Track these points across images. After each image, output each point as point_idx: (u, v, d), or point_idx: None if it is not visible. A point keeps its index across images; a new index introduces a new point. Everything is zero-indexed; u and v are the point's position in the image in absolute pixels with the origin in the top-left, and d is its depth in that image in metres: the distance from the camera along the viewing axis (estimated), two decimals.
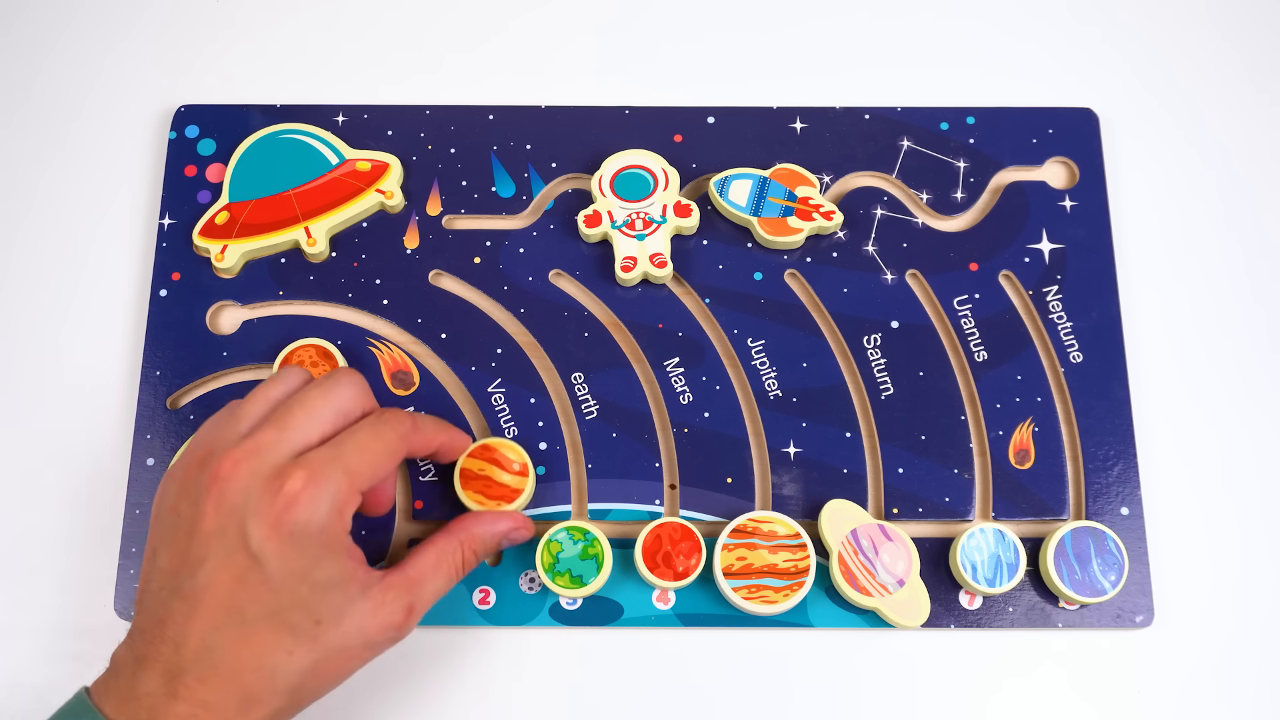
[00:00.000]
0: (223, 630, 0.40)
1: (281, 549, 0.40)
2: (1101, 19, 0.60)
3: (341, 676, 0.43)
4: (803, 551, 0.48)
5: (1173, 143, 0.58)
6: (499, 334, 0.53)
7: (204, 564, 0.40)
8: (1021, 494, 0.51)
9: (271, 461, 0.41)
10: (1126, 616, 0.49)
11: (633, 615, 0.49)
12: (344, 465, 0.42)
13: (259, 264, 0.54)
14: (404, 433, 0.45)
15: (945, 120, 0.57)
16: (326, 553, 0.41)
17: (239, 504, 0.40)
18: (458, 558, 0.46)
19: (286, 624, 0.40)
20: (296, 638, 0.40)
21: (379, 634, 0.42)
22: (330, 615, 0.41)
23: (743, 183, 0.55)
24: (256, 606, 0.40)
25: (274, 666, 0.40)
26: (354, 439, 0.43)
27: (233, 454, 0.41)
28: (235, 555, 0.40)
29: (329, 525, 0.41)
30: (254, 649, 0.40)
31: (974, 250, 0.55)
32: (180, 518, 0.42)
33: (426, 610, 0.44)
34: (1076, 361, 0.53)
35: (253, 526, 0.40)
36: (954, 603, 0.50)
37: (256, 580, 0.40)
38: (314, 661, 0.41)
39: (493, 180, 0.56)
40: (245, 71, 0.59)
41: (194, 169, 0.56)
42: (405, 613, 0.43)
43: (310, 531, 0.41)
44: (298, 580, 0.40)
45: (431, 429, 0.47)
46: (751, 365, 0.53)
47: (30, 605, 0.50)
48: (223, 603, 0.40)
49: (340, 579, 0.41)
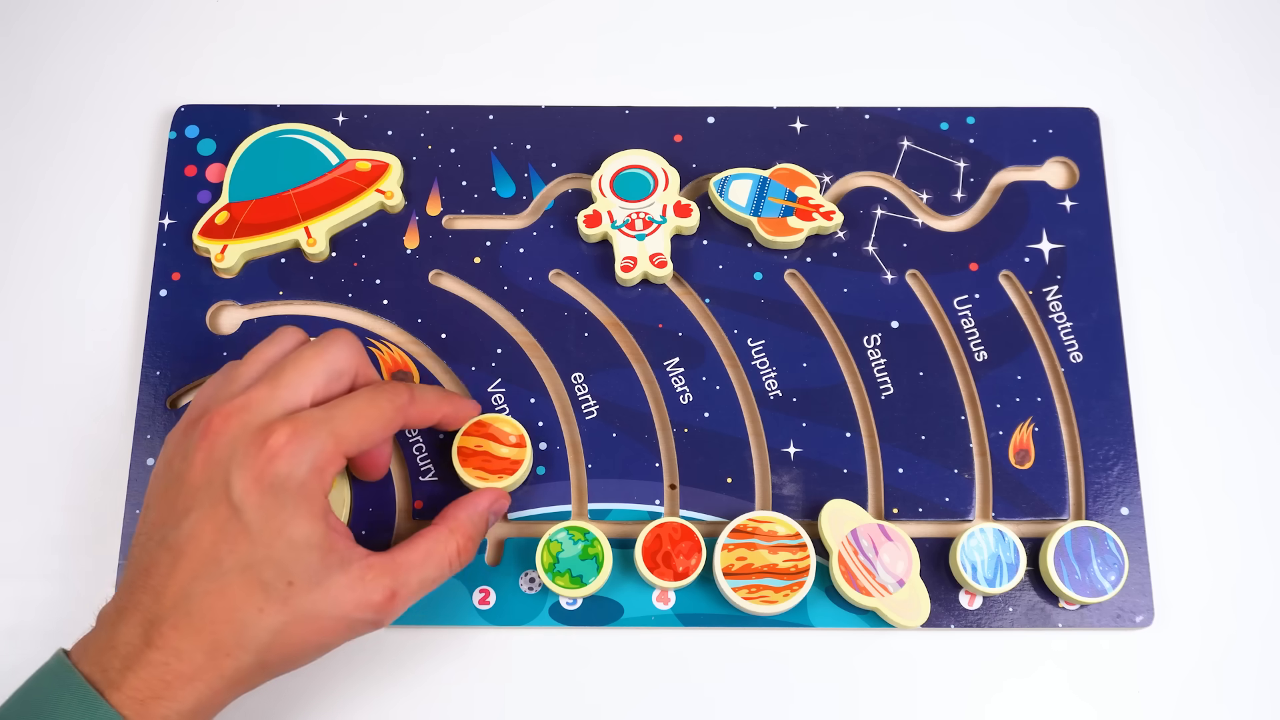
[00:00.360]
0: (200, 580, 0.40)
1: (261, 500, 0.41)
2: (1101, 19, 0.60)
3: (313, 647, 0.42)
4: (803, 551, 0.48)
5: (1173, 143, 0.58)
6: (499, 334, 0.53)
7: (189, 515, 0.41)
8: (1021, 494, 0.51)
9: (261, 417, 0.42)
10: (1126, 616, 0.49)
11: (633, 615, 0.49)
12: (331, 427, 0.43)
13: (259, 264, 0.54)
14: (400, 405, 0.45)
15: (945, 120, 0.57)
16: (304, 510, 0.41)
17: (225, 456, 0.41)
18: (450, 547, 0.45)
19: (260, 579, 0.41)
20: (268, 595, 0.41)
21: (355, 610, 0.42)
22: (304, 578, 0.41)
23: (743, 183, 0.55)
24: (233, 558, 0.41)
25: (244, 621, 0.41)
26: (348, 404, 0.44)
27: (224, 409, 0.42)
28: (218, 506, 0.41)
29: (308, 482, 0.42)
30: (227, 600, 0.40)
31: (974, 250, 0.55)
32: (172, 471, 0.43)
33: (413, 600, 0.44)
34: (1076, 361, 0.53)
35: (236, 477, 0.41)
36: (954, 603, 0.50)
37: (236, 531, 0.41)
38: (284, 622, 0.41)
39: (493, 180, 0.56)
40: (245, 71, 0.59)
41: (194, 169, 0.56)
42: (387, 595, 0.43)
43: (290, 486, 0.41)
44: (274, 534, 0.41)
45: (432, 401, 0.48)
46: (751, 365, 0.53)
47: (30, 605, 0.50)
48: (204, 552, 0.41)
49: (318, 543, 0.42)
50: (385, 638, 0.50)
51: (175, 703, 0.40)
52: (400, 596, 0.43)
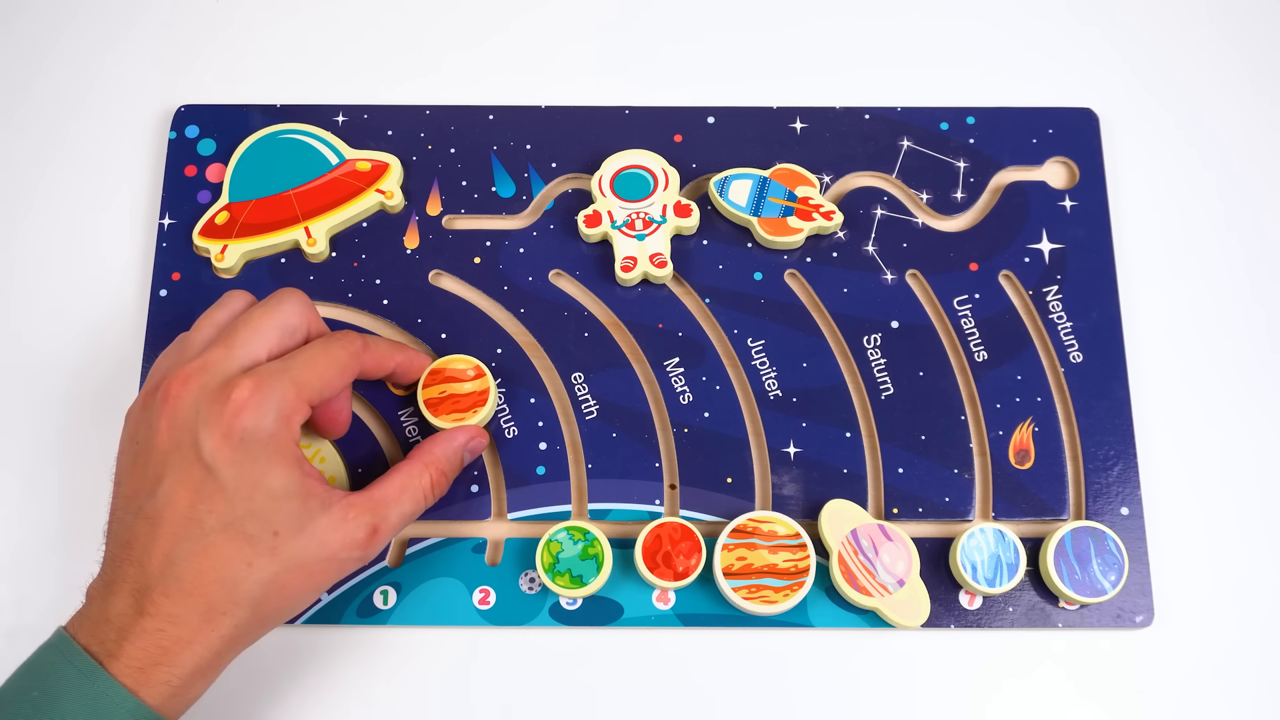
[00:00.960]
0: (183, 543, 0.41)
1: (233, 455, 0.41)
2: (1101, 19, 0.60)
3: (305, 593, 0.43)
4: (803, 551, 0.48)
5: (1173, 143, 0.58)
6: (499, 334, 0.53)
7: (162, 482, 0.41)
8: (1021, 494, 0.51)
9: (220, 375, 0.42)
10: (1126, 616, 0.49)
11: (633, 615, 0.49)
12: (291, 376, 0.43)
13: (259, 264, 0.54)
14: (355, 350, 0.46)
15: (945, 120, 0.57)
16: (278, 460, 0.42)
17: (190, 418, 0.42)
18: (424, 480, 0.46)
19: (244, 534, 0.41)
20: (255, 548, 0.41)
21: (341, 550, 0.43)
22: (288, 527, 0.42)
23: (743, 183, 0.55)
24: (213, 517, 0.41)
25: (235, 577, 0.41)
26: (303, 354, 0.44)
27: (181, 373, 0.43)
28: (191, 468, 0.41)
29: (278, 432, 0.42)
30: (214, 559, 0.41)
31: (974, 250, 0.55)
32: (137, 443, 0.43)
33: (393, 534, 0.45)
34: (1076, 361, 0.53)
35: (204, 436, 0.41)
36: (954, 603, 0.50)
37: (212, 489, 0.41)
38: (274, 573, 0.41)
39: (493, 180, 0.56)
40: (245, 71, 0.59)
41: (194, 169, 0.56)
42: (369, 531, 0.43)
43: (260, 438, 0.42)
44: (251, 488, 0.41)
45: (385, 349, 0.48)
46: (751, 365, 0.53)
47: (30, 605, 0.50)
48: (182, 515, 0.41)
49: (296, 491, 0.42)
50: (385, 637, 0.50)
51: (175, 668, 0.40)
52: (381, 531, 0.44)
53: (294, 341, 0.46)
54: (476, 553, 0.50)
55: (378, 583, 0.50)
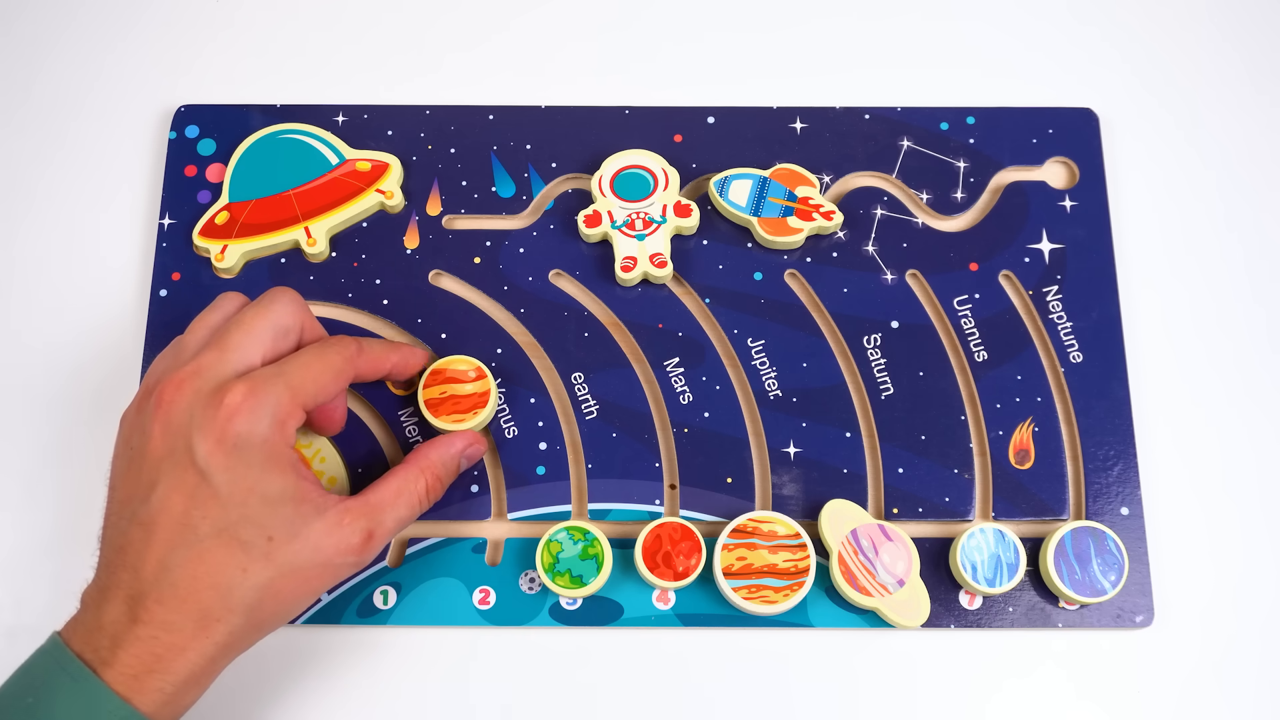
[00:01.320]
0: (177, 550, 0.41)
1: (227, 461, 0.41)
2: (1101, 19, 0.60)
3: (300, 598, 0.43)
4: (803, 551, 0.48)
5: (1173, 143, 0.58)
6: (499, 334, 0.53)
7: (156, 487, 0.41)
8: (1021, 494, 0.51)
9: (214, 380, 0.42)
10: (1126, 616, 0.49)
11: (633, 615, 0.49)
12: (285, 380, 0.43)
13: (259, 264, 0.54)
14: (349, 355, 0.46)
15: (945, 120, 0.57)
16: (272, 465, 0.42)
17: (184, 423, 0.41)
18: (420, 485, 0.46)
19: (239, 540, 0.41)
20: (250, 554, 0.41)
21: (336, 555, 0.43)
22: (283, 532, 0.41)
23: (743, 183, 0.55)
24: (207, 523, 0.41)
25: (229, 584, 0.41)
26: (299, 358, 0.44)
27: (175, 378, 0.42)
28: (185, 473, 0.41)
29: (271, 437, 0.42)
30: (208, 566, 0.41)
31: (974, 250, 0.55)
32: (131, 448, 0.43)
33: (388, 539, 0.45)
34: (1076, 361, 0.53)
35: (198, 442, 0.41)
36: (954, 603, 0.50)
37: (206, 495, 0.41)
38: (269, 579, 0.41)
39: (493, 180, 0.56)
40: (245, 71, 0.59)
41: (194, 169, 0.56)
42: (364, 537, 0.43)
43: (254, 443, 0.41)
44: (246, 493, 0.41)
45: (379, 351, 0.48)
46: (751, 365, 0.53)
47: (30, 605, 0.50)
48: (176, 521, 0.41)
49: (291, 495, 0.42)
50: (385, 637, 0.50)
51: (169, 674, 0.40)
52: (377, 536, 0.44)
53: (288, 342, 0.45)
54: (476, 553, 0.50)
55: (378, 583, 0.50)
